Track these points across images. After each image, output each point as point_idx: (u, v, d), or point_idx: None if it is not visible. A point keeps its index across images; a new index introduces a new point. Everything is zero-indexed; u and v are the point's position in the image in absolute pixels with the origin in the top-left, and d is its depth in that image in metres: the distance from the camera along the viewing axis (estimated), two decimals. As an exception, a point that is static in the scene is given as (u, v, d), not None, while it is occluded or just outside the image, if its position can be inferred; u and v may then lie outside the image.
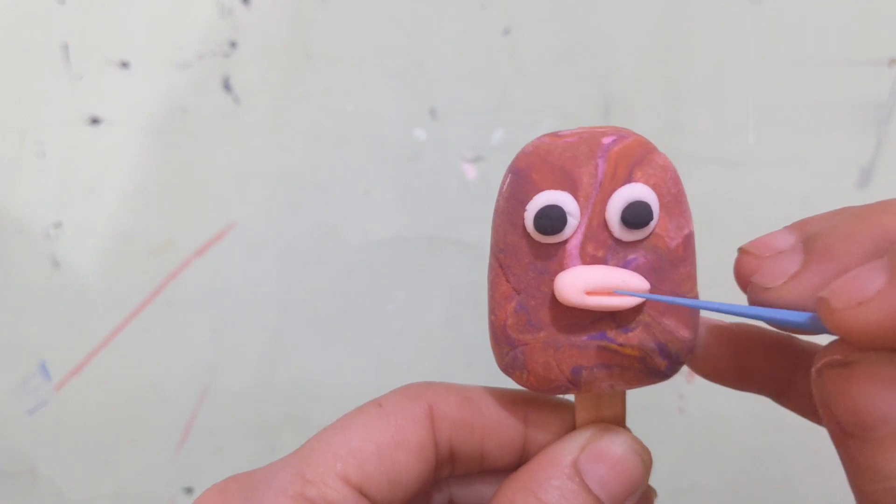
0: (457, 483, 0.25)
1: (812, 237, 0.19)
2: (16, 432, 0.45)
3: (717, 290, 0.44)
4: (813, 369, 0.18)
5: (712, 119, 0.42)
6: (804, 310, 0.18)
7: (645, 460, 0.22)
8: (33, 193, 0.44)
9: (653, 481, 0.47)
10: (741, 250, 0.21)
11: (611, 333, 0.21)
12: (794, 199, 0.42)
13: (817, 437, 0.46)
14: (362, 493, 0.21)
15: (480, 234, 0.42)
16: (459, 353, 0.44)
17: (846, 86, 0.42)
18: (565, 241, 0.21)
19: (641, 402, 0.44)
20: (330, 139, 0.44)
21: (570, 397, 0.23)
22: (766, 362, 0.23)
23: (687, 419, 0.44)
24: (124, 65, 0.43)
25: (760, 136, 0.42)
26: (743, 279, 0.20)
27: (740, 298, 0.40)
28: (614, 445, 0.22)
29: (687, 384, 0.44)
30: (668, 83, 0.42)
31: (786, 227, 0.21)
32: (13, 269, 0.44)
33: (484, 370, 0.27)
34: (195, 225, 0.44)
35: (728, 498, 0.45)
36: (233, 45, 0.43)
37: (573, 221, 0.21)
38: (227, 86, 0.43)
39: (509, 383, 0.23)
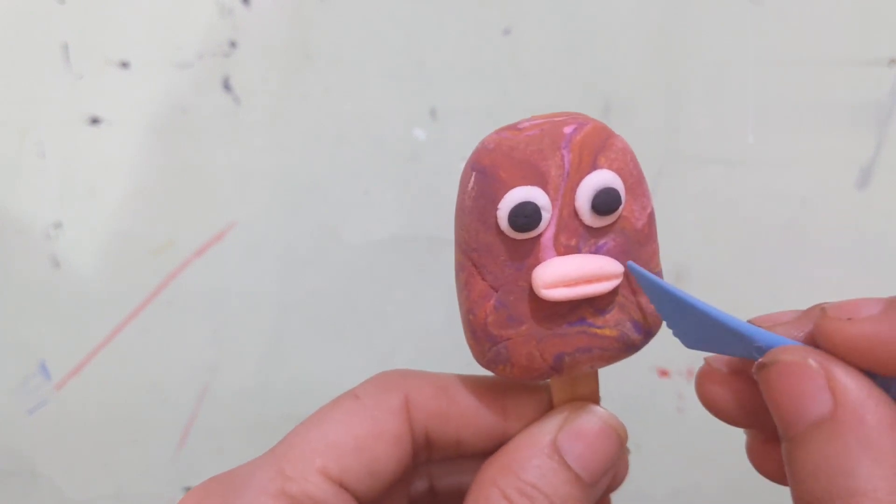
0: (436, 467, 0.26)
1: None
2: (16, 432, 0.45)
3: (717, 289, 0.44)
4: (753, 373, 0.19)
5: (712, 119, 0.42)
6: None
7: (620, 434, 0.23)
8: (33, 193, 0.44)
9: (653, 481, 0.47)
10: (824, 314, 0.20)
11: (590, 318, 0.22)
12: (794, 199, 0.42)
13: (817, 437, 0.45)
14: (342, 486, 0.21)
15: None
16: (459, 353, 0.44)
17: (846, 86, 0.42)
18: (539, 235, 0.21)
19: (641, 402, 0.44)
20: (330, 139, 0.44)
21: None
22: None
23: (687, 419, 0.44)
24: (124, 65, 0.43)
25: (760, 135, 0.42)
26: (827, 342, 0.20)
27: (736, 302, 0.40)
28: (590, 423, 0.22)
29: (687, 384, 0.44)
30: (668, 83, 0.42)
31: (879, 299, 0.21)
32: (13, 269, 0.44)
33: (485, 370, 0.27)
34: (195, 225, 0.44)
35: (728, 498, 0.45)
36: (233, 45, 0.43)
37: (546, 215, 0.21)
38: (227, 86, 0.43)
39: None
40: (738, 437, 0.45)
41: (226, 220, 0.44)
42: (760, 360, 0.19)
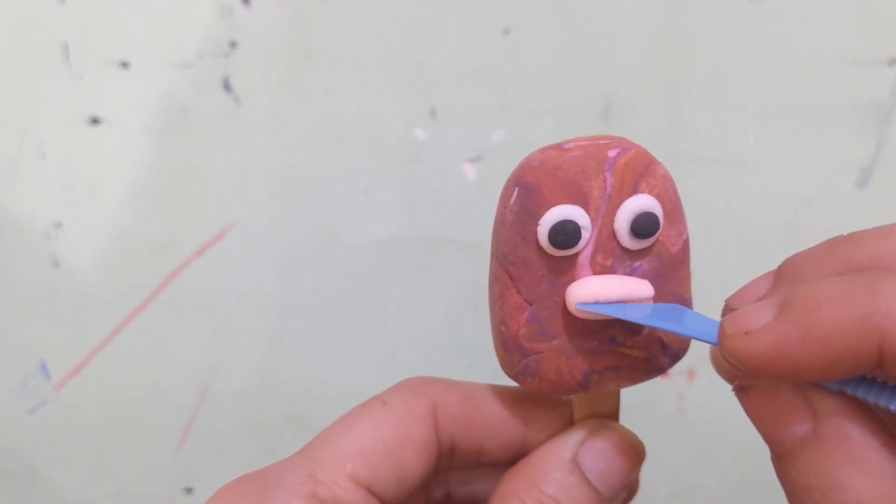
0: (454, 475, 0.26)
1: (783, 264, 0.21)
2: (16, 432, 0.45)
3: (716, 290, 0.43)
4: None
5: (712, 119, 0.42)
6: None
7: (639, 452, 0.23)
8: (33, 193, 0.44)
9: (653, 481, 0.47)
10: (727, 306, 0.21)
11: (620, 338, 0.22)
12: (794, 199, 0.42)
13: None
14: (371, 491, 0.22)
15: (481, 234, 0.42)
16: (460, 353, 0.44)
17: (846, 86, 0.42)
18: (577, 253, 0.22)
19: (641, 402, 0.44)
20: (330, 139, 0.44)
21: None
22: None
23: (687, 419, 0.44)
24: (124, 65, 0.43)
25: (760, 136, 0.42)
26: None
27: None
28: (611, 440, 0.23)
29: (687, 385, 0.44)
30: (668, 83, 0.42)
31: (769, 272, 0.21)
32: (13, 269, 0.44)
33: (485, 370, 0.27)
34: (195, 225, 0.44)
35: (728, 498, 0.45)
36: (233, 45, 0.43)
37: (586, 234, 0.21)
38: (227, 86, 0.43)
39: (507, 381, 0.23)
40: (738, 437, 0.45)
41: (226, 220, 0.44)
42: (738, 383, 0.20)
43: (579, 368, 0.22)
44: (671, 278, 0.22)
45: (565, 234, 0.21)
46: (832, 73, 0.42)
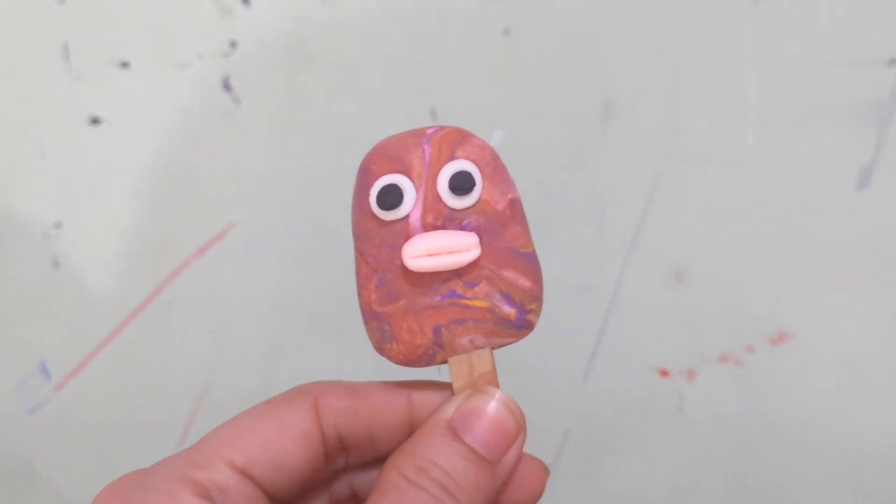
0: (355, 472, 0.27)
1: None
2: (15, 432, 0.45)
3: (717, 289, 0.44)
4: None
5: (712, 119, 0.42)
6: None
7: (514, 411, 0.24)
8: (33, 193, 0.44)
9: (653, 481, 0.47)
10: None
11: (459, 289, 0.24)
12: (794, 200, 0.42)
13: (817, 438, 0.46)
14: (248, 476, 0.23)
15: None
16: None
17: (846, 86, 0.42)
18: (407, 216, 0.24)
19: (641, 402, 0.44)
20: (329, 139, 0.44)
21: (447, 377, 0.25)
22: None
23: (686, 419, 0.44)
24: (124, 65, 0.43)
25: (760, 136, 0.42)
26: None
27: (736, 303, 0.40)
28: (483, 402, 0.24)
29: (687, 384, 0.44)
30: (667, 83, 0.42)
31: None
32: (13, 269, 0.44)
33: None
34: (195, 225, 0.44)
35: (728, 498, 0.45)
36: (233, 45, 0.43)
37: (409, 196, 0.24)
38: (227, 86, 0.43)
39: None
40: (737, 436, 0.45)
41: (226, 220, 0.44)
42: None
43: (427, 323, 0.24)
44: (501, 233, 0.24)
45: (388, 196, 0.24)
46: (832, 73, 0.42)
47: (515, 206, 0.25)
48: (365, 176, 0.25)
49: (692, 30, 0.42)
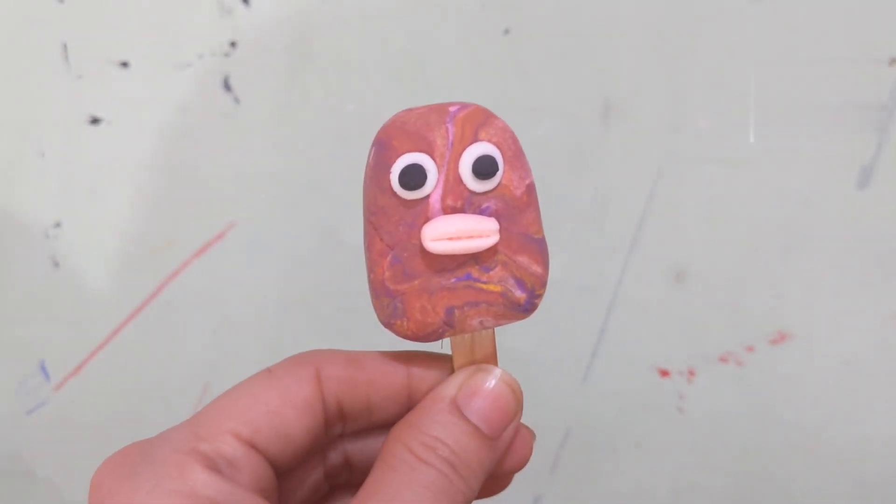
0: (350, 440, 0.27)
1: None
2: (15, 433, 0.45)
3: (717, 289, 0.44)
4: None
5: (713, 119, 0.42)
6: None
7: (515, 390, 0.25)
8: (33, 193, 0.44)
9: (653, 480, 0.47)
10: None
11: (475, 273, 0.25)
12: (794, 199, 0.42)
13: (817, 437, 0.46)
14: (254, 447, 0.23)
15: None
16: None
17: (846, 86, 0.42)
18: (427, 196, 0.24)
19: (641, 402, 0.44)
20: (329, 139, 0.44)
21: (448, 349, 0.25)
22: None
23: (686, 419, 0.44)
24: (124, 65, 0.43)
25: (761, 135, 0.42)
26: None
27: (736, 302, 0.40)
28: (486, 381, 0.24)
29: (687, 384, 0.44)
30: (668, 83, 0.42)
31: None
32: (13, 269, 0.44)
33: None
34: (195, 225, 0.44)
35: (728, 498, 0.45)
36: (233, 45, 0.43)
37: (431, 177, 0.24)
38: (227, 86, 0.43)
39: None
40: (737, 436, 0.45)
41: (226, 220, 0.44)
42: None
43: (441, 304, 0.24)
44: (518, 219, 0.25)
45: (411, 176, 0.24)
46: (832, 73, 0.42)
47: (531, 191, 0.25)
48: (385, 151, 0.24)
49: (692, 30, 0.42)
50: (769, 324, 0.43)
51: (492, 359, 0.25)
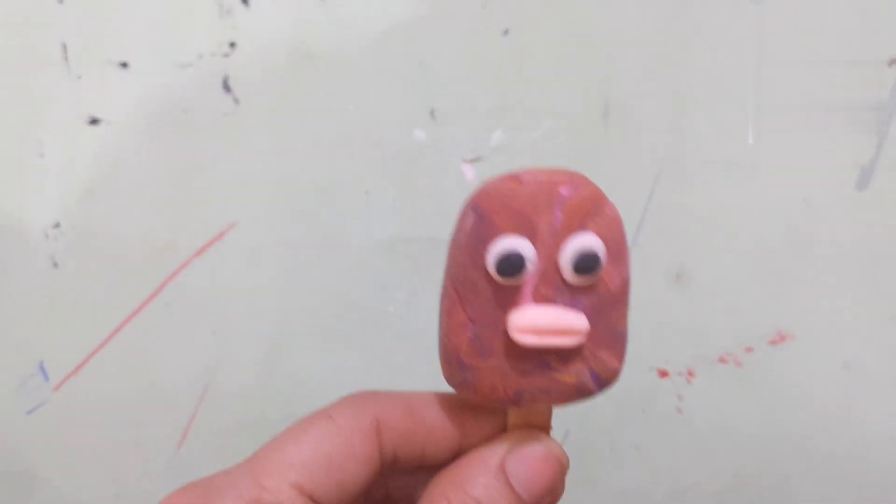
0: (393, 478, 0.27)
1: None
2: (14, 433, 0.45)
3: (718, 290, 0.44)
4: None
5: (712, 120, 0.42)
6: None
7: (563, 463, 0.25)
8: (33, 193, 0.44)
9: (652, 481, 0.47)
10: None
11: (553, 364, 0.24)
12: (794, 200, 0.43)
13: (817, 437, 0.46)
14: (313, 500, 0.23)
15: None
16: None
17: (846, 86, 0.42)
18: (521, 281, 0.23)
19: (641, 402, 0.44)
20: (330, 139, 0.44)
21: None
22: None
23: (686, 419, 0.44)
24: (124, 65, 0.43)
25: (761, 136, 0.42)
26: None
27: (737, 303, 0.40)
28: (537, 450, 0.24)
29: (686, 385, 0.44)
30: (668, 84, 0.42)
31: None
32: (13, 269, 0.44)
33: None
34: (195, 225, 0.44)
35: (727, 498, 0.45)
36: (233, 45, 0.43)
37: (530, 266, 0.23)
38: (227, 86, 0.43)
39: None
40: (737, 436, 0.45)
41: (226, 221, 0.44)
42: None
43: (512, 386, 0.24)
44: (608, 313, 0.24)
45: (510, 264, 0.22)
46: (832, 73, 0.42)
47: (626, 286, 0.24)
48: (484, 225, 0.23)
49: (692, 30, 0.42)
50: (768, 324, 0.43)
51: (545, 426, 0.25)
